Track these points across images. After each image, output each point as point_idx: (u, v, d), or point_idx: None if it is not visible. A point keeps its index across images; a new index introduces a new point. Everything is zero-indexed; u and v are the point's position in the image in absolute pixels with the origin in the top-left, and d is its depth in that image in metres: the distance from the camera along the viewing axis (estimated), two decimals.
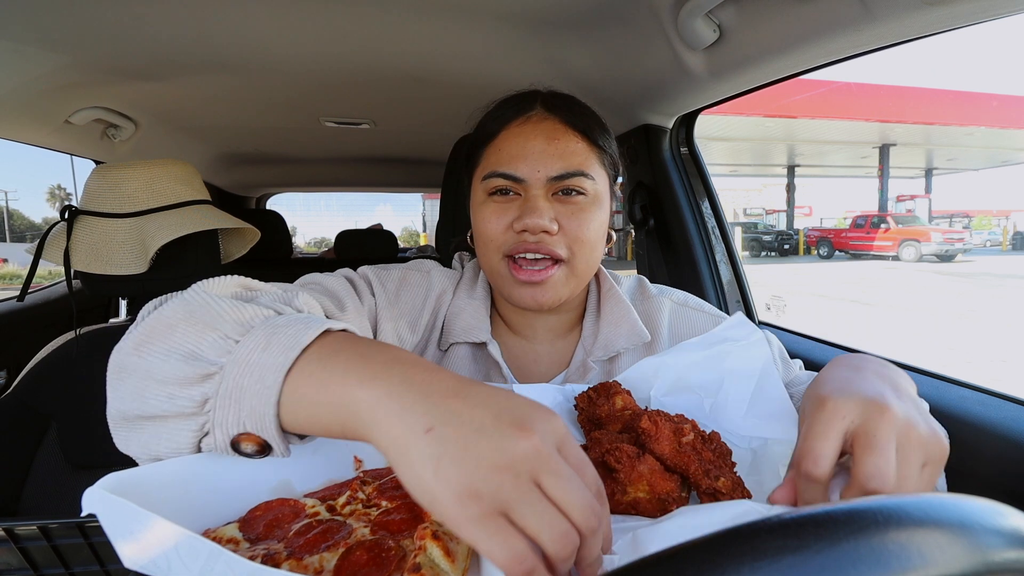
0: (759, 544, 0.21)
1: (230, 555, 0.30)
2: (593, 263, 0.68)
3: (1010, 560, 0.22)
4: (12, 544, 0.48)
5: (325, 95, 1.45)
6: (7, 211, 29.58)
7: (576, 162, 0.64)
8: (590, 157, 0.66)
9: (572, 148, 0.65)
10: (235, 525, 0.40)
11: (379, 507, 0.42)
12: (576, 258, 0.65)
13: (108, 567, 0.52)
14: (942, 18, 0.66)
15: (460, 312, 0.71)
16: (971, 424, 0.73)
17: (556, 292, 0.65)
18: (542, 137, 0.64)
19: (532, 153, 0.64)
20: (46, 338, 1.12)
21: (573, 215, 0.64)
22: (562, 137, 0.65)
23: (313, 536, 0.39)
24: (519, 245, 0.63)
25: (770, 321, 1.37)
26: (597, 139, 0.67)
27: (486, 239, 0.66)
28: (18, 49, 0.99)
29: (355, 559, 0.36)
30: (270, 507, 0.42)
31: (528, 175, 0.63)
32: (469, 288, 0.74)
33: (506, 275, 0.65)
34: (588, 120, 0.68)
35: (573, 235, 0.64)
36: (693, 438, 0.47)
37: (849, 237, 17.97)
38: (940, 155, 19.31)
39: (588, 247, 0.65)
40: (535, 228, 0.62)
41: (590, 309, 0.75)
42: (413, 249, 4.27)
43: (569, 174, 0.63)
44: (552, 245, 0.63)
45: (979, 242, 23.32)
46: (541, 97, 0.69)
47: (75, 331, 1.10)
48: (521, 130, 0.66)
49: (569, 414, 0.58)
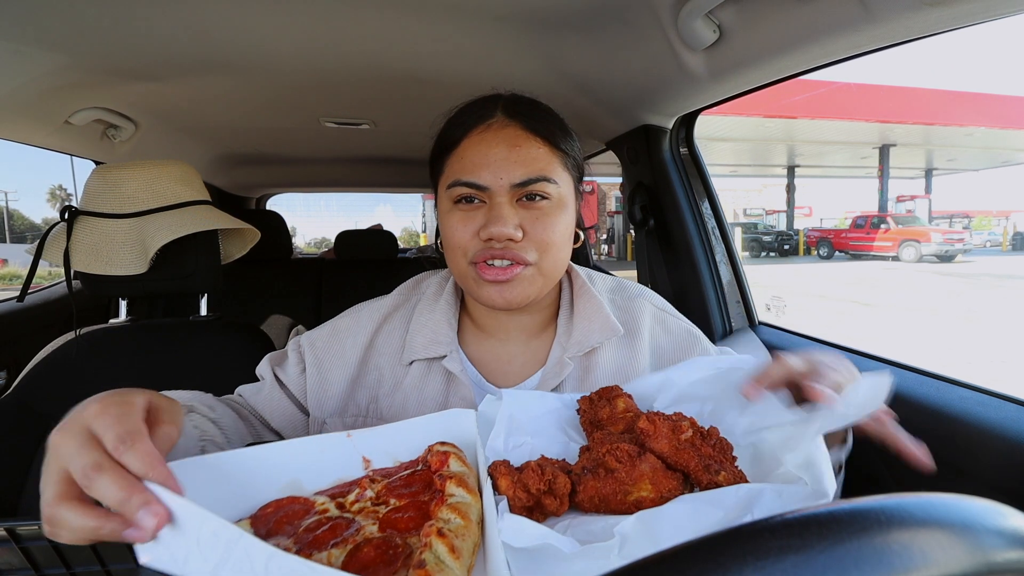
0: (762, 544, 0.21)
1: (250, 539, 0.31)
2: (560, 263, 0.69)
3: (1011, 560, 0.22)
4: (13, 544, 0.48)
5: (325, 95, 1.45)
6: (7, 212, 29.57)
7: (538, 168, 0.65)
8: (552, 162, 0.67)
9: (534, 154, 0.65)
10: (246, 522, 0.41)
11: (388, 505, 0.43)
12: (543, 260, 0.66)
13: (109, 567, 0.52)
14: (942, 18, 0.66)
15: (420, 329, 0.74)
16: (971, 424, 0.73)
17: (523, 289, 0.66)
18: (503, 144, 0.65)
19: (494, 161, 0.64)
20: (46, 338, 1.12)
21: (538, 220, 0.65)
22: (523, 144, 0.65)
23: (322, 533, 0.39)
24: (485, 252, 0.65)
25: (770, 321, 1.37)
26: (559, 143, 0.68)
27: (453, 246, 0.67)
28: (18, 49, 0.99)
29: (363, 556, 0.37)
30: (280, 504, 0.43)
31: (491, 183, 0.64)
32: (431, 303, 0.76)
33: (474, 277, 0.67)
34: (549, 125, 0.68)
35: (539, 239, 0.65)
36: (691, 435, 0.47)
37: (849, 237, 17.98)
38: (940, 155, 19.31)
39: (555, 249, 0.66)
40: (500, 236, 0.63)
41: (563, 307, 0.76)
42: (413, 250, 4.27)
43: (531, 180, 0.64)
44: (518, 251, 0.64)
45: (979, 242, 23.32)
46: (502, 102, 0.69)
47: (75, 331, 1.10)
48: (482, 137, 0.66)
49: (570, 419, 0.58)
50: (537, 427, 0.56)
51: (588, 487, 0.45)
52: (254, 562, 0.31)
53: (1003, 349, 5.71)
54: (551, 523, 0.44)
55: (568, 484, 0.45)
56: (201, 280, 1.14)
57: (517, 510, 0.43)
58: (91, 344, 1.10)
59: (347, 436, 0.49)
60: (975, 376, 0.96)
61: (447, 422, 0.50)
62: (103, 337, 1.12)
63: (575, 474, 0.47)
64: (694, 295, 1.34)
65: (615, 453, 0.46)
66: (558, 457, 0.51)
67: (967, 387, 0.82)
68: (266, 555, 0.31)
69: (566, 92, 1.32)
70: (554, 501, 0.44)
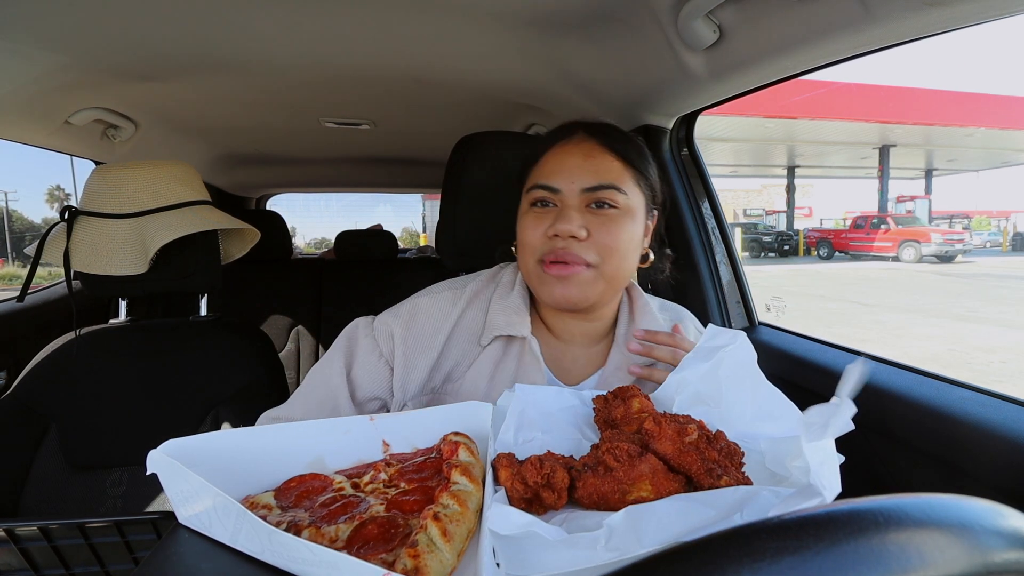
0: (759, 544, 0.21)
1: (252, 517, 0.35)
2: (624, 271, 0.72)
3: (1010, 561, 0.22)
4: (13, 545, 0.48)
5: (325, 95, 1.45)
6: (7, 212, 29.55)
7: (609, 177, 0.70)
8: (624, 174, 0.71)
9: (607, 165, 0.71)
10: (271, 493, 0.46)
11: (397, 488, 0.46)
12: (604, 264, 0.70)
13: (108, 567, 0.52)
14: (942, 19, 0.66)
15: (501, 311, 0.76)
16: (971, 425, 0.73)
17: (583, 290, 0.70)
18: (580, 154, 0.71)
19: (569, 167, 0.71)
20: (46, 338, 1.12)
21: (603, 224, 0.69)
22: (598, 155, 0.71)
23: (335, 508, 0.43)
24: (551, 251, 0.69)
25: (770, 322, 1.37)
26: (633, 160, 0.73)
27: (524, 245, 0.73)
28: (18, 49, 0.99)
29: (366, 532, 0.40)
30: (303, 480, 0.47)
31: (563, 186, 0.70)
32: (504, 293, 0.79)
33: (539, 274, 0.71)
34: (625, 144, 0.74)
35: (602, 243, 0.69)
36: (697, 438, 0.47)
37: (849, 238, 17.97)
38: (940, 156, 19.30)
39: (618, 255, 0.70)
40: (564, 233, 0.68)
41: (622, 318, 0.80)
42: (413, 250, 4.27)
43: (601, 186, 0.69)
44: (580, 251, 0.68)
45: (979, 243, 23.29)
46: (584, 125, 0.76)
47: (75, 331, 1.10)
48: (562, 149, 0.73)
49: (587, 417, 0.59)
50: (549, 423, 0.57)
51: (588, 484, 0.45)
52: (260, 535, 0.36)
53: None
54: (549, 516, 0.45)
55: (566, 479, 0.45)
56: (201, 280, 1.14)
57: (516, 502, 0.43)
58: (91, 344, 1.10)
59: (370, 420, 0.52)
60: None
61: (464, 413, 0.53)
62: (103, 337, 1.12)
63: (576, 470, 0.47)
64: (694, 295, 1.34)
65: (614, 452, 0.46)
66: (568, 454, 0.51)
67: (967, 387, 0.82)
68: (267, 532, 0.35)
69: (566, 92, 1.32)
70: (552, 495, 0.44)
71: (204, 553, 0.38)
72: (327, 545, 0.38)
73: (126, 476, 1.05)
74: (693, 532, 0.36)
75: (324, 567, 0.33)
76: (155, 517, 0.53)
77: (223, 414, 1.07)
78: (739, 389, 0.56)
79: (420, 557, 0.35)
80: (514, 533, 0.36)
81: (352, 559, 0.33)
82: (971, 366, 5.10)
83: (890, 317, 7.58)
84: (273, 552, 0.36)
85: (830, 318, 7.56)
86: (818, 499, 0.35)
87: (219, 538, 0.39)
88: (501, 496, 0.43)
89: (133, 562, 0.53)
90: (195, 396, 1.09)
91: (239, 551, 0.38)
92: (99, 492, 1.03)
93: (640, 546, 0.35)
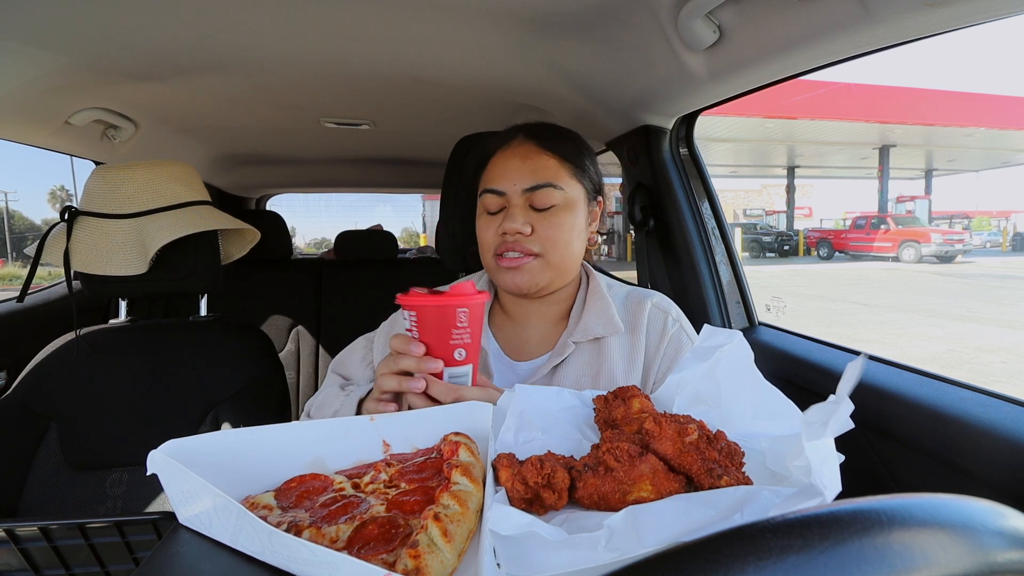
0: (763, 543, 0.21)
1: (252, 518, 0.36)
2: (569, 258, 0.82)
3: (1012, 561, 0.22)
4: (13, 545, 0.48)
5: (325, 96, 1.45)
6: (7, 212, 29.53)
7: (546, 175, 0.79)
8: (560, 171, 0.80)
9: (543, 164, 0.80)
10: (272, 493, 0.46)
11: (398, 488, 0.46)
12: (549, 254, 0.79)
13: (108, 568, 0.52)
14: (942, 19, 0.66)
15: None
16: (971, 425, 0.73)
17: (532, 277, 0.80)
18: (518, 157, 0.81)
19: (510, 171, 0.80)
20: (46, 339, 1.12)
21: (544, 219, 0.79)
22: (535, 157, 0.80)
23: (335, 508, 0.43)
24: (503, 245, 0.80)
25: (770, 322, 1.37)
26: (569, 156, 0.81)
27: (482, 243, 0.83)
28: (18, 49, 0.99)
29: (367, 532, 0.40)
30: (303, 480, 0.47)
31: (507, 188, 0.80)
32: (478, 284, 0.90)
33: (495, 266, 0.82)
34: (561, 142, 0.82)
35: (545, 236, 0.78)
36: (697, 438, 0.47)
37: (849, 238, 17.97)
38: (940, 156, 19.31)
39: (561, 245, 0.79)
40: (511, 231, 0.78)
41: (577, 303, 0.89)
42: (413, 250, 4.27)
43: (539, 185, 0.78)
44: (527, 244, 0.78)
45: (979, 243, 23.31)
46: (524, 128, 0.85)
47: (75, 332, 1.10)
48: (504, 153, 0.83)
49: (587, 417, 0.59)
50: (549, 423, 0.57)
51: (588, 484, 0.45)
52: (260, 536, 0.36)
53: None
54: (549, 516, 0.45)
55: (567, 479, 0.45)
56: (201, 280, 1.14)
57: (516, 502, 0.43)
58: (91, 344, 1.10)
59: (371, 420, 0.53)
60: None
61: (464, 414, 0.54)
62: (103, 337, 1.12)
63: (577, 470, 0.47)
64: (694, 295, 1.34)
65: (614, 452, 0.46)
66: (568, 454, 0.51)
67: (967, 387, 0.82)
68: (267, 532, 0.35)
69: (566, 92, 1.32)
70: (552, 495, 0.44)
71: (204, 553, 0.38)
72: (327, 545, 0.38)
73: (126, 476, 1.05)
74: (694, 532, 0.36)
75: (324, 567, 0.33)
76: (155, 517, 0.53)
77: (223, 414, 1.07)
78: (737, 388, 0.56)
79: (421, 557, 0.35)
80: (514, 533, 0.36)
81: (352, 559, 0.33)
82: (971, 366, 5.11)
83: (890, 317, 7.58)
84: (273, 552, 0.36)
85: (830, 318, 7.56)
86: (819, 499, 0.35)
87: (219, 538, 0.39)
88: (502, 496, 0.43)
89: (133, 562, 0.53)
90: (195, 396, 1.09)
91: (239, 551, 0.38)
92: (99, 492, 1.03)
93: (641, 546, 0.35)
